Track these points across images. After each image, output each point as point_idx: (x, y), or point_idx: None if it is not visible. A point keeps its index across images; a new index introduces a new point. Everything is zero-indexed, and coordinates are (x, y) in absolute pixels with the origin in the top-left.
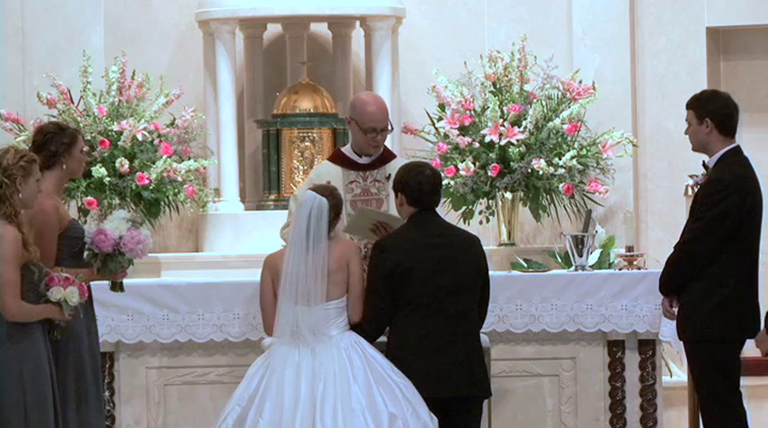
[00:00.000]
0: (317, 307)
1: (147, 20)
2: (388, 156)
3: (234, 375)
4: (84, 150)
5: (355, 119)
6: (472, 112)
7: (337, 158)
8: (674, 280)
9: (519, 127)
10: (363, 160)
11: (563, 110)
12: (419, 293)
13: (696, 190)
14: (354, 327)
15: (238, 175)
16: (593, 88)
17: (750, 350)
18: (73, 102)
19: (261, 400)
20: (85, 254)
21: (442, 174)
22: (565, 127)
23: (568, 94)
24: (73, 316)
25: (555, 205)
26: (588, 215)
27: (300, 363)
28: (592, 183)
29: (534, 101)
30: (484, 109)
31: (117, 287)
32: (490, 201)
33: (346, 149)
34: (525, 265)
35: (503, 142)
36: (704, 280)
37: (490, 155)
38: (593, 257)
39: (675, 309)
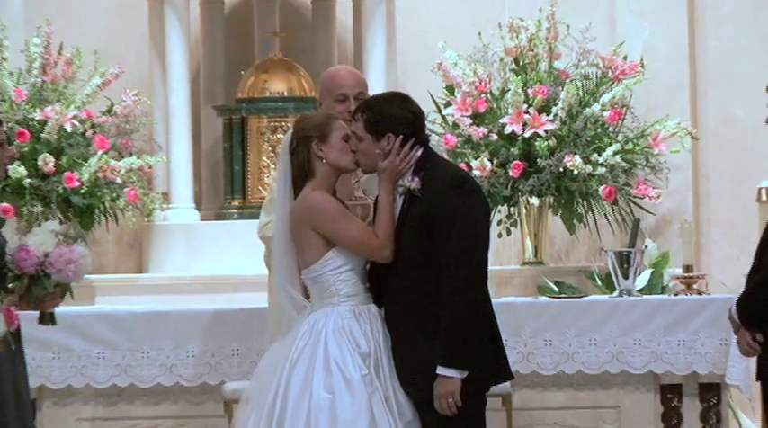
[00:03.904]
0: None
1: None
2: None
3: None
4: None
5: (324, 92)
6: (488, 96)
7: None
8: (763, 308)
9: (548, 114)
10: None
11: (603, 93)
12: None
13: None
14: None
15: (193, 176)
16: (642, 65)
17: None
18: None
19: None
20: (9, 275)
21: None
22: (605, 114)
23: (610, 73)
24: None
25: (593, 213)
26: (635, 226)
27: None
28: (640, 186)
29: (567, 81)
30: (503, 92)
31: (46, 318)
32: (512, 209)
33: None
34: (556, 290)
35: (527, 134)
36: None
37: (511, 149)
38: (642, 279)
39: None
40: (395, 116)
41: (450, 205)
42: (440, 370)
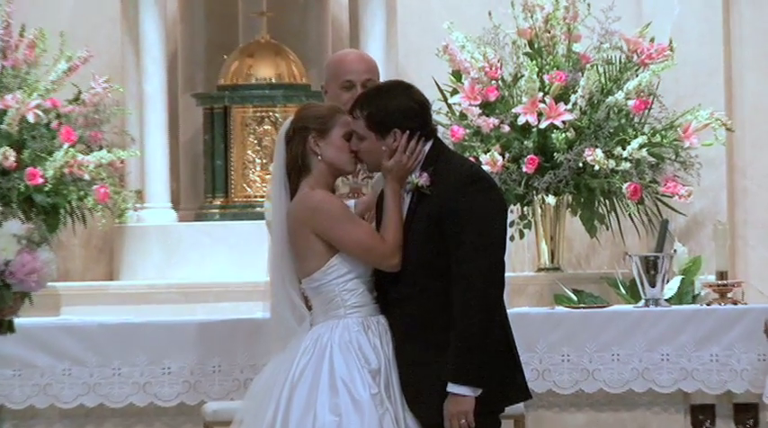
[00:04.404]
0: None
1: None
2: None
3: None
4: None
5: (331, 78)
6: (500, 83)
7: None
8: None
9: (566, 103)
10: None
11: (628, 79)
12: None
13: None
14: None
15: (170, 172)
16: (671, 49)
17: None
18: None
19: None
20: None
21: None
22: (630, 103)
23: (635, 57)
24: None
25: (616, 214)
26: (664, 228)
27: None
28: (668, 183)
29: (587, 66)
30: (516, 78)
31: (4, 326)
32: (525, 208)
33: None
34: (575, 299)
35: (543, 125)
36: None
37: (525, 142)
38: (671, 287)
39: None
40: (399, 109)
41: (463, 203)
42: (451, 388)
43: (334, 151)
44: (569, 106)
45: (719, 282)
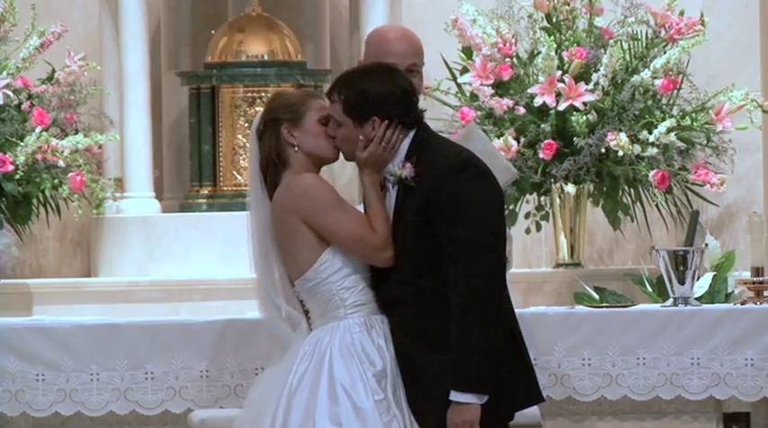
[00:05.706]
0: None
1: None
2: None
3: None
4: None
5: (370, 58)
6: (514, 60)
7: None
8: None
9: (586, 83)
10: None
11: (655, 56)
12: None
13: None
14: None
15: (152, 158)
16: (702, 23)
17: None
18: None
19: None
20: None
21: None
22: (657, 83)
23: (663, 32)
24: None
25: (642, 204)
26: (694, 220)
27: None
28: (699, 171)
29: (611, 42)
30: (532, 55)
31: None
32: (543, 198)
33: None
34: (596, 297)
35: (561, 106)
36: None
37: (542, 126)
38: (702, 285)
39: None
40: (379, 94)
41: (452, 193)
42: (454, 396)
43: (312, 139)
44: (590, 86)
45: (755, 279)
